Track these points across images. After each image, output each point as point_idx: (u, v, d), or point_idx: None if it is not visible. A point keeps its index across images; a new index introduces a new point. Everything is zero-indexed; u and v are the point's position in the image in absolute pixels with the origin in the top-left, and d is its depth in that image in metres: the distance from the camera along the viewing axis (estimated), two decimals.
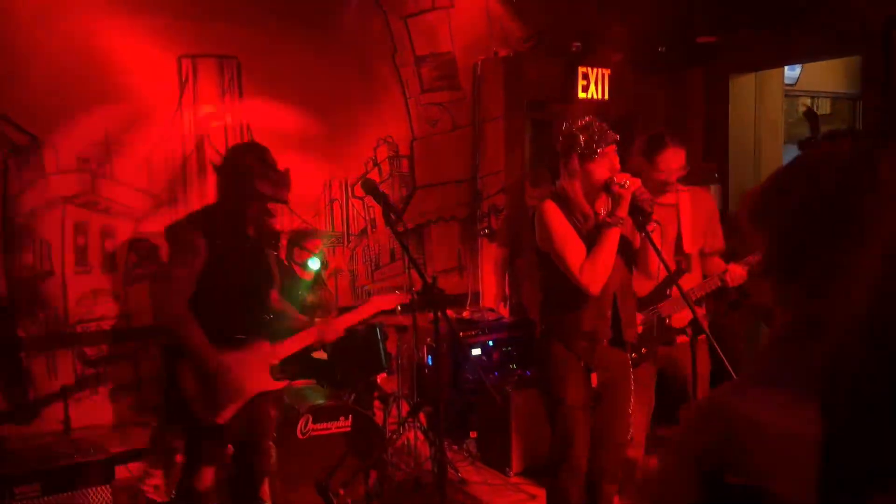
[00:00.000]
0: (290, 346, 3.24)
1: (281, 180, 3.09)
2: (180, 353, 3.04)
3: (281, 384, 3.25)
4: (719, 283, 3.55)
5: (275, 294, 3.39)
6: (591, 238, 3.03)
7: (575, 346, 3.09)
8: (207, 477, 3.14)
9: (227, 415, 3.04)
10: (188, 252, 2.99)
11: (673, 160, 3.62)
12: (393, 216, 2.81)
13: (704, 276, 3.70)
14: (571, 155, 3.02)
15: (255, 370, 3.12)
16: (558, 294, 3.12)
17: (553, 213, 3.04)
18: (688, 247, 3.66)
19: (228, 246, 3.06)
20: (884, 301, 0.65)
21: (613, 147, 3.02)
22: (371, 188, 2.91)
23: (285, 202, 3.18)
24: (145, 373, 4.91)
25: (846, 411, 0.69)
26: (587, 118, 3.08)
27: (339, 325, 3.35)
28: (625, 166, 3.16)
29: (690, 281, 3.62)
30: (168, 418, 3.23)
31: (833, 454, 0.73)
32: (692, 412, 1.05)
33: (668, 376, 3.70)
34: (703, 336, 3.67)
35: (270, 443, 3.49)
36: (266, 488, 3.58)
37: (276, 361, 3.19)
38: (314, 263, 4.60)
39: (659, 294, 3.51)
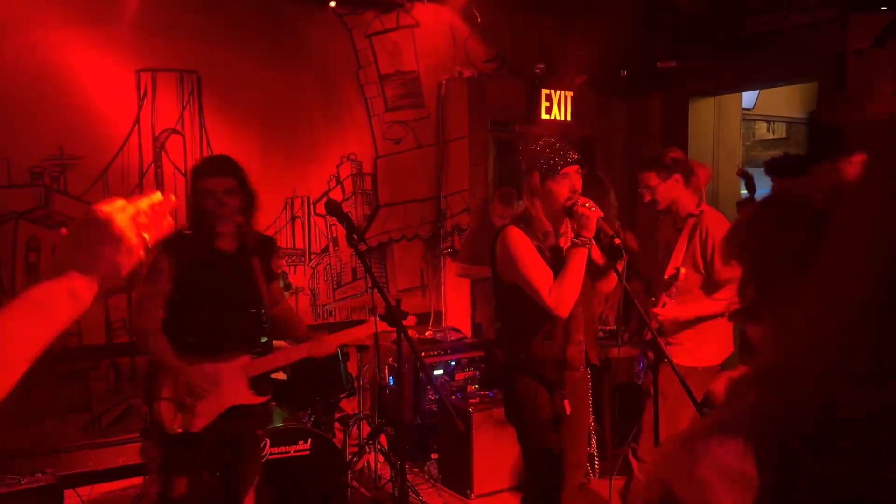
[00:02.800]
0: (274, 361, 3.18)
1: (236, 195, 3.05)
2: (158, 367, 3.08)
3: (261, 399, 3.16)
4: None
5: (278, 306, 3.37)
6: (554, 257, 3.01)
7: (549, 376, 3.03)
8: (180, 485, 3.08)
9: (199, 423, 3.00)
10: (152, 272, 3.04)
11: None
12: (356, 237, 2.77)
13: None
14: (533, 173, 3.01)
15: (232, 382, 3.06)
16: (522, 322, 3.06)
17: (517, 239, 3.00)
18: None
19: (201, 262, 3.06)
20: (840, 344, 0.64)
21: (576, 168, 3.01)
22: (334, 208, 2.87)
23: (244, 216, 3.11)
24: (97, 393, 4.78)
25: (793, 461, 0.68)
26: (550, 138, 3.08)
27: (331, 342, 3.27)
28: (587, 188, 3.15)
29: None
30: (145, 430, 3.16)
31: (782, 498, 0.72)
32: (657, 454, 1.05)
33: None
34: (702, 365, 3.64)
35: (257, 461, 3.39)
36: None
37: (254, 374, 3.11)
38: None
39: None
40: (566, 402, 3.03)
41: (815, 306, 0.67)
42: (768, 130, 8.32)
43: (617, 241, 2.92)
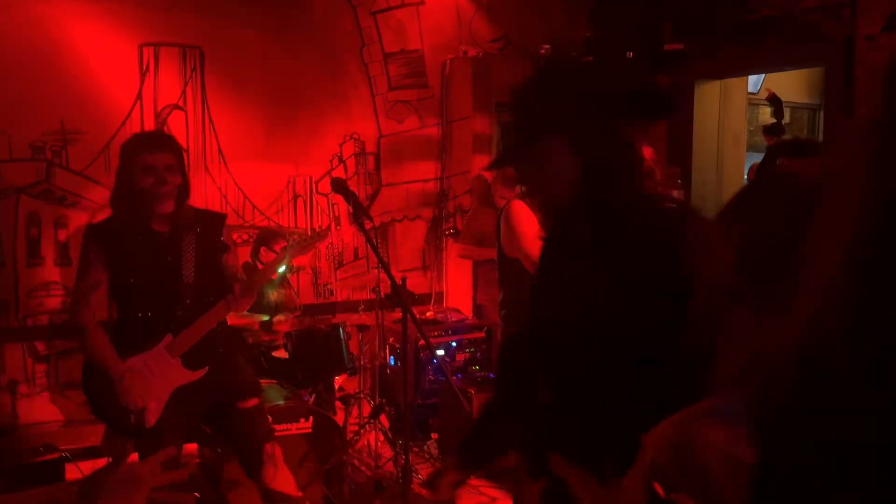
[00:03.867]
0: (197, 330, 2.99)
1: (161, 174, 2.85)
2: (88, 371, 2.99)
3: (198, 373, 3.01)
4: None
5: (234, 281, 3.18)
6: None
7: None
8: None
9: (151, 418, 2.93)
10: (84, 264, 2.94)
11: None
12: (363, 216, 2.75)
13: None
14: None
15: (164, 366, 2.95)
16: (522, 296, 3.07)
17: (522, 212, 2.99)
18: None
19: (135, 248, 2.93)
20: (815, 332, 0.63)
21: None
22: (340, 187, 2.84)
23: (181, 196, 2.95)
24: None
25: (774, 442, 0.67)
26: None
27: (246, 296, 3.04)
28: None
29: None
30: (111, 432, 3.09)
31: (763, 482, 0.72)
32: (653, 436, 1.05)
33: None
34: None
35: (248, 433, 3.30)
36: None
37: (182, 350, 2.96)
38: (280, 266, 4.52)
39: None
40: None
41: (792, 294, 0.66)
42: (772, 115, 8.29)
43: None
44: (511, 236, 2.95)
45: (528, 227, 2.94)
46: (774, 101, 4.80)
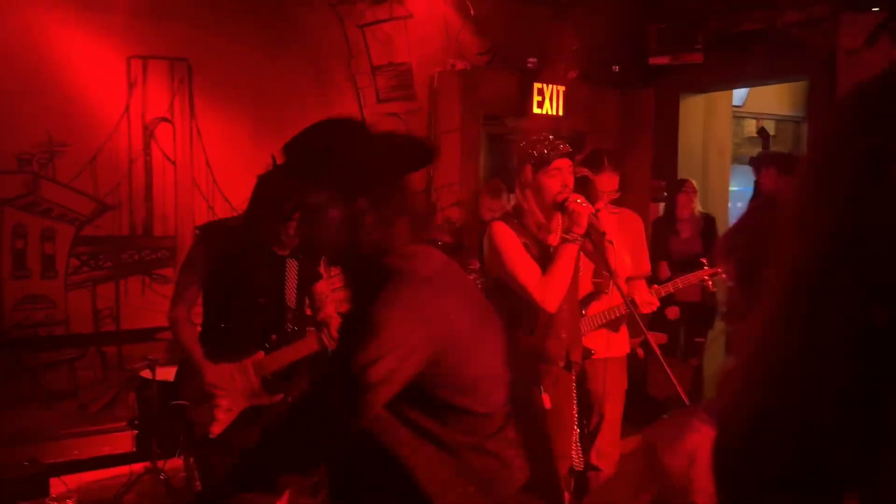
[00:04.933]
0: (286, 356, 3.01)
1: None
2: (179, 368, 3.02)
3: (274, 398, 3.01)
4: (626, 310, 3.55)
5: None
6: (541, 252, 3.01)
7: (531, 370, 3.05)
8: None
9: (216, 429, 2.92)
10: (188, 262, 3.00)
11: (607, 183, 3.68)
12: None
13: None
14: (525, 166, 3.01)
15: (244, 383, 2.95)
16: (506, 317, 3.06)
17: (504, 234, 3.00)
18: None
19: (244, 260, 2.95)
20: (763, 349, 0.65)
21: (568, 163, 3.01)
22: None
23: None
24: (83, 382, 4.76)
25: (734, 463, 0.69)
26: (543, 133, 3.09)
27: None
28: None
29: (608, 303, 3.66)
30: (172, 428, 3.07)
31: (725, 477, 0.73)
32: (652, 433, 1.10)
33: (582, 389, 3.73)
34: (621, 355, 3.82)
35: None
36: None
37: (267, 373, 2.98)
38: None
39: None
40: (545, 396, 3.04)
41: (756, 312, 0.69)
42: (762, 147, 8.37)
43: (608, 238, 2.93)
44: (495, 257, 2.98)
45: (510, 246, 2.96)
46: (763, 133, 4.91)
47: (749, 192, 6.22)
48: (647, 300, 3.60)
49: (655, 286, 3.83)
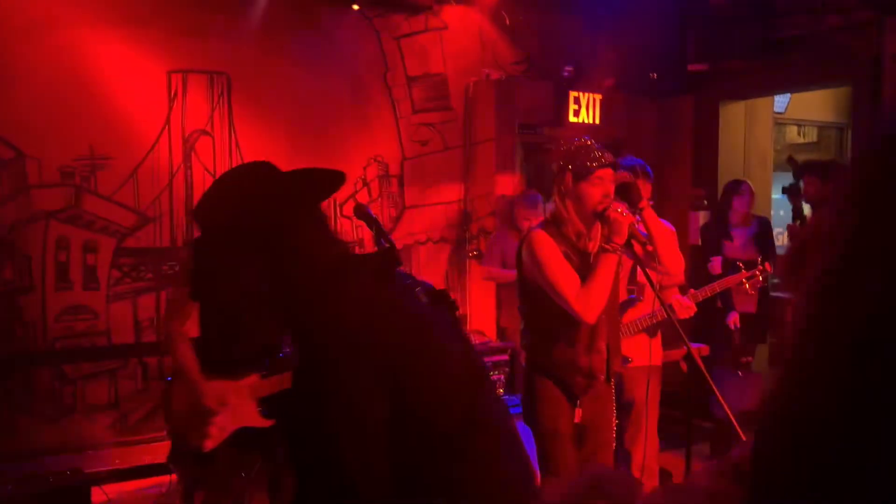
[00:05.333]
0: (282, 382, 2.99)
1: None
2: (170, 384, 3.01)
3: (266, 422, 3.02)
4: (664, 316, 3.49)
5: None
6: (581, 262, 2.96)
7: (571, 382, 2.99)
8: (198, 499, 3.05)
9: (209, 444, 2.93)
10: (183, 276, 2.99)
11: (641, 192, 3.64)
12: (384, 242, 2.74)
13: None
14: (565, 174, 2.95)
15: (241, 403, 2.97)
16: (546, 327, 3.01)
17: (544, 242, 2.94)
18: (643, 277, 3.63)
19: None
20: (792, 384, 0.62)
21: (609, 172, 2.95)
22: (362, 213, 2.85)
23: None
24: (124, 392, 4.82)
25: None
26: (584, 139, 3.03)
27: None
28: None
29: (643, 311, 3.62)
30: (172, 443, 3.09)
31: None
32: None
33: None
34: (659, 363, 3.79)
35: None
36: None
37: (262, 395, 2.99)
38: None
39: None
40: (578, 411, 2.98)
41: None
42: (799, 134, 8.21)
43: (649, 247, 2.87)
44: (534, 266, 2.93)
45: (550, 256, 2.91)
46: (794, 164, 4.79)
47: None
48: (685, 304, 3.56)
49: (692, 290, 3.78)
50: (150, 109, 4.86)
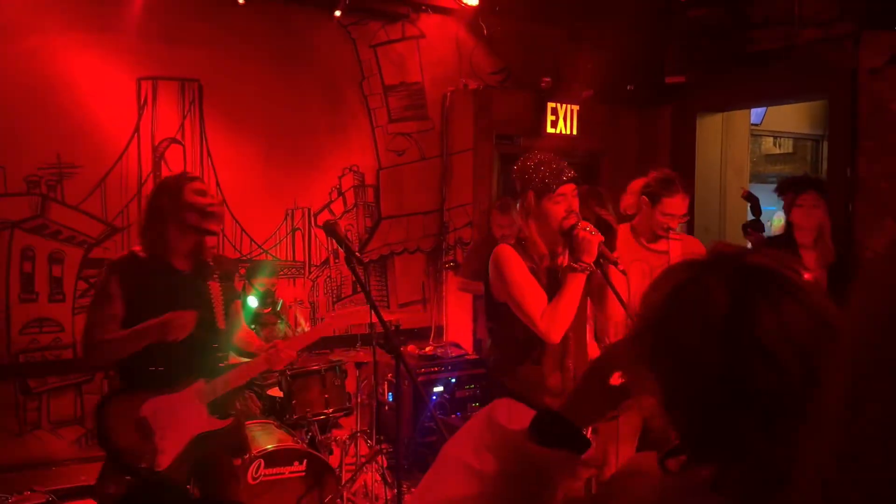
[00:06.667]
0: (231, 380, 2.97)
1: (206, 211, 2.86)
2: (107, 402, 2.89)
3: (223, 423, 2.97)
4: None
5: (244, 329, 3.25)
6: (548, 280, 2.88)
7: (538, 402, 2.91)
8: None
9: (164, 461, 2.83)
10: (100, 297, 2.88)
11: (679, 206, 3.60)
12: (355, 261, 2.67)
13: None
14: (528, 192, 2.86)
15: (190, 411, 2.89)
16: (512, 344, 2.92)
17: (511, 258, 2.86)
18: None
19: (154, 284, 2.88)
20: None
21: (572, 187, 2.87)
22: (332, 230, 2.77)
23: (212, 234, 2.96)
24: (90, 407, 4.69)
25: None
26: (544, 154, 2.93)
27: (288, 347, 3.09)
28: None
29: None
30: (111, 468, 2.95)
31: None
32: None
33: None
34: None
35: (233, 493, 3.24)
36: None
37: (214, 398, 2.92)
38: (252, 301, 4.49)
39: None
40: None
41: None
42: (775, 145, 8.25)
43: (620, 266, 2.81)
44: (500, 282, 2.85)
45: (516, 271, 2.83)
46: (751, 199, 4.73)
47: (770, 211, 6.09)
48: None
49: None
50: (118, 117, 4.75)
